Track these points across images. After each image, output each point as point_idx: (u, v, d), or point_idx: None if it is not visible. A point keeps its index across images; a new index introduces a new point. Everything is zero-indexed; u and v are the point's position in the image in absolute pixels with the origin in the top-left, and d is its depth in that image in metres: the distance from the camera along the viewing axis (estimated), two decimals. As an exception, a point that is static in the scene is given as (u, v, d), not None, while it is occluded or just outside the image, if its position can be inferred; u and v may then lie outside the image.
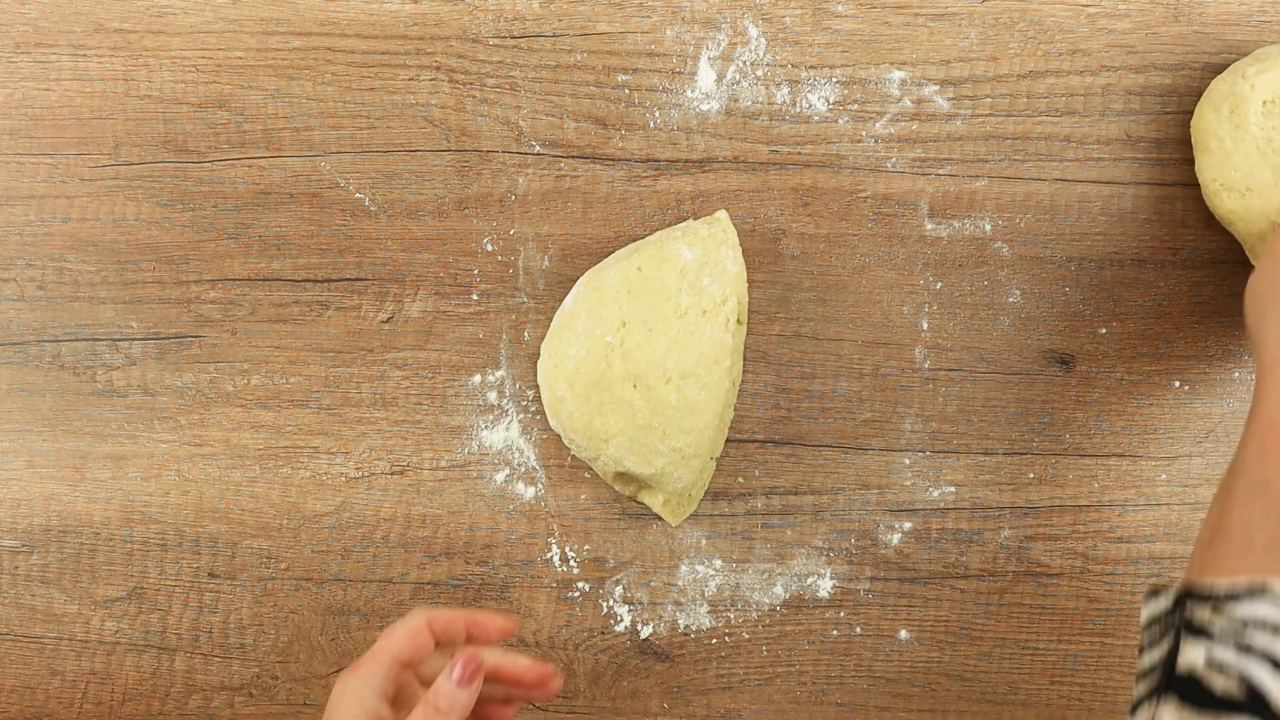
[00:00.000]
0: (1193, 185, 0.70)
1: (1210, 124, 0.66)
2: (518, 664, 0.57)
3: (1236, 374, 0.70)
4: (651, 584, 0.71)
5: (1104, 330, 0.70)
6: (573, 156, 0.70)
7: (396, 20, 0.70)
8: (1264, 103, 0.64)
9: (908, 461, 0.70)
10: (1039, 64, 0.70)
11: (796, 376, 0.70)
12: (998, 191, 0.70)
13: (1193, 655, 0.49)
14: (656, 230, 0.70)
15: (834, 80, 0.70)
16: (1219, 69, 0.69)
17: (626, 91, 0.70)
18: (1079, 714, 0.71)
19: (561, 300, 0.69)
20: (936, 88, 0.70)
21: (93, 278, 0.71)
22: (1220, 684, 0.48)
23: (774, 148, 0.70)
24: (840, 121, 0.70)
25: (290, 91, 0.70)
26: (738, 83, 0.70)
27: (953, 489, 0.70)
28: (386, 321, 0.71)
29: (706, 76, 0.70)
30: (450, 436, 0.71)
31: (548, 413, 0.68)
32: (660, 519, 0.70)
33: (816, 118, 0.70)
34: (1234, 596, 0.49)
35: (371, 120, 0.70)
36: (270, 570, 0.71)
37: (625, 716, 0.71)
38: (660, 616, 0.71)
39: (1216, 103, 0.65)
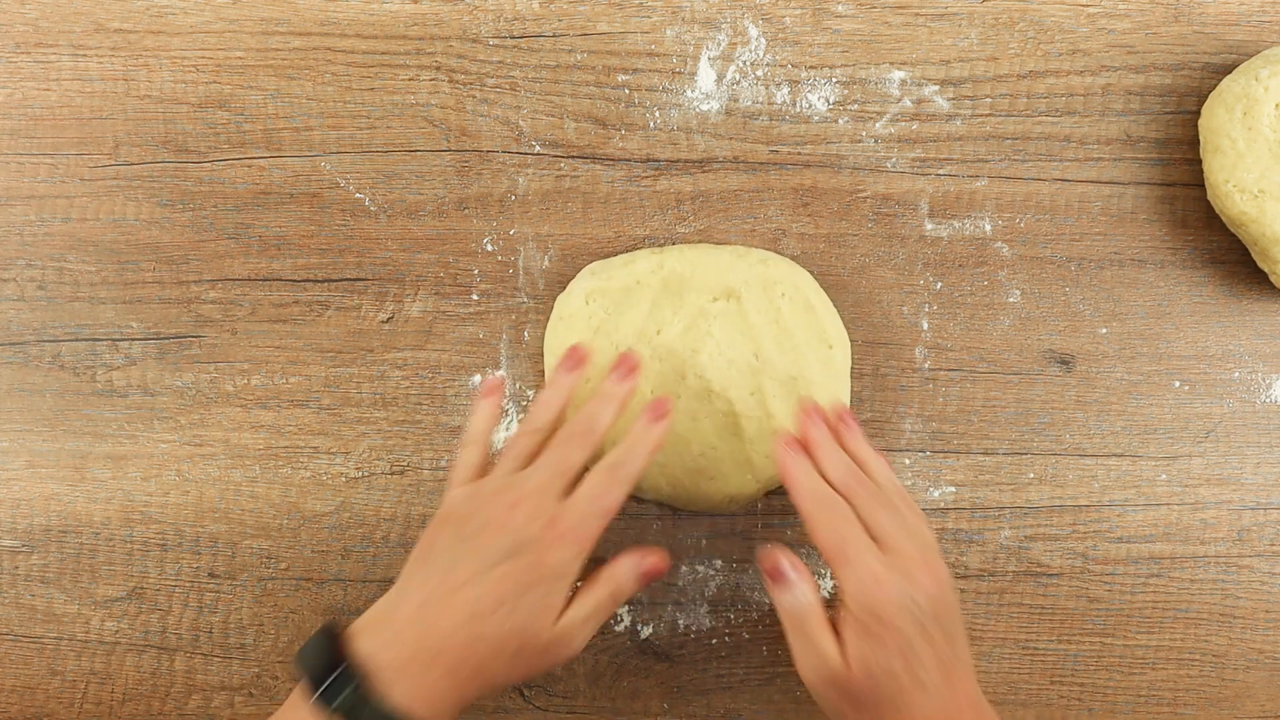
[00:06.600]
0: (1193, 185, 0.70)
1: (1222, 125, 0.65)
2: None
3: (1236, 374, 0.70)
4: (651, 584, 0.71)
5: (1104, 330, 0.70)
6: (573, 156, 0.70)
7: (396, 20, 0.70)
8: (1277, 105, 0.64)
9: (908, 461, 0.70)
10: (1039, 64, 0.70)
11: (796, 376, 0.70)
12: (998, 191, 0.70)
13: None
14: (657, 229, 0.70)
15: (834, 80, 0.70)
16: (1219, 69, 0.69)
17: (626, 91, 0.70)
18: (1079, 714, 0.71)
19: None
20: (936, 88, 0.70)
21: (93, 278, 0.71)
22: None
23: (774, 148, 0.70)
24: (840, 121, 0.70)
25: (290, 91, 0.70)
26: (738, 83, 0.70)
27: (953, 489, 0.70)
28: (386, 321, 0.71)
29: (706, 76, 0.70)
30: (450, 436, 0.71)
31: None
32: (659, 519, 0.70)
33: (816, 118, 0.70)
34: None
35: (371, 120, 0.70)
36: (270, 570, 0.71)
37: (625, 716, 0.71)
38: (660, 616, 0.71)
39: (1229, 103, 0.65)
